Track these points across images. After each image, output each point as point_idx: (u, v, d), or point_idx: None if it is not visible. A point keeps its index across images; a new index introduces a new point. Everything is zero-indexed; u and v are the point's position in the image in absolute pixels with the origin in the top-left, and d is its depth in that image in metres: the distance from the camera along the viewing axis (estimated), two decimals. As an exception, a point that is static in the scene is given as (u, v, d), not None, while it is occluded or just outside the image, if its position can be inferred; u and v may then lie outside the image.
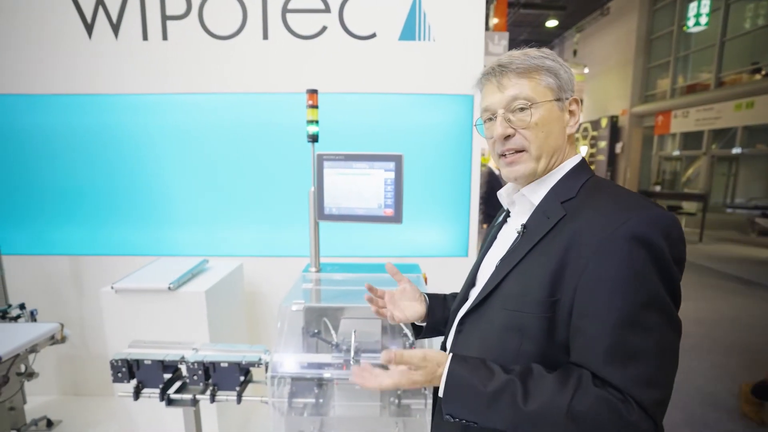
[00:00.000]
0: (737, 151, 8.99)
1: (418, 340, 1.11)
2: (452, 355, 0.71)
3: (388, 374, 0.70)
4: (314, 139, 1.72)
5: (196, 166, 2.37)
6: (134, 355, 1.53)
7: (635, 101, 11.72)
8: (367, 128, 2.33)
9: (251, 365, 1.51)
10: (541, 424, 0.63)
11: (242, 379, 1.52)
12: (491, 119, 0.80)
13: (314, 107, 1.70)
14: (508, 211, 0.92)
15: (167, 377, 1.52)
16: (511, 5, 10.19)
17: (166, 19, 2.21)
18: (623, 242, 0.63)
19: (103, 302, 1.90)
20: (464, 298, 0.90)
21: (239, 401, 1.50)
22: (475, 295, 0.84)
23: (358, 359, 1.38)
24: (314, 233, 1.78)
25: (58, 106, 2.29)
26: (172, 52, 2.24)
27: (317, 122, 1.73)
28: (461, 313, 0.86)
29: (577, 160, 0.81)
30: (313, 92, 1.70)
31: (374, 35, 2.23)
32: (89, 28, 2.21)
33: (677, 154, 10.88)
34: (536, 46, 0.82)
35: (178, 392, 1.52)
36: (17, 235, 2.40)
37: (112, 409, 2.34)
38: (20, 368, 1.80)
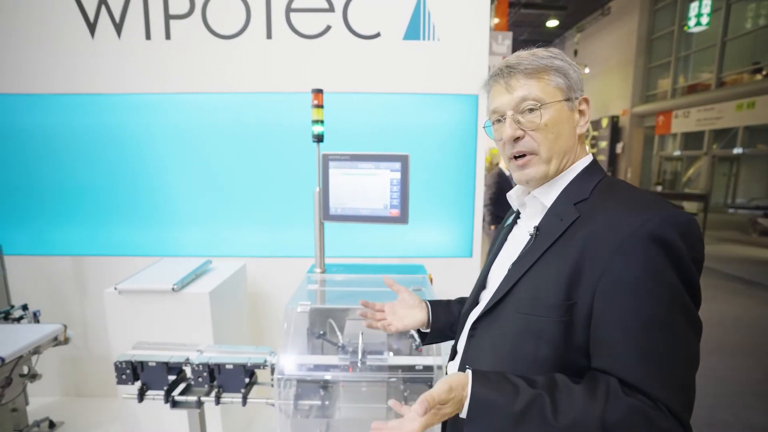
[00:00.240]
0: (738, 151, 8.99)
1: (424, 345, 1.10)
2: (472, 374, 0.68)
3: (416, 421, 0.66)
4: (319, 139, 1.71)
5: (198, 165, 2.36)
6: (139, 356, 1.52)
7: (636, 101, 11.72)
8: (370, 128, 2.31)
9: (256, 367, 1.50)
10: None
11: (247, 380, 1.51)
12: (500, 121, 0.79)
13: (319, 107, 1.69)
14: (517, 212, 0.91)
15: (171, 379, 1.51)
16: (511, 5, 10.18)
17: (169, 18, 2.20)
18: (642, 244, 0.62)
19: (106, 303, 1.89)
20: (475, 301, 0.89)
21: (244, 403, 1.49)
22: (486, 298, 0.83)
23: (364, 361, 1.37)
24: (319, 234, 1.77)
25: (60, 105, 2.28)
26: (175, 51, 2.23)
27: (322, 122, 1.72)
28: (473, 316, 0.85)
29: (588, 160, 0.80)
30: (318, 92, 1.69)
31: (378, 35, 2.22)
32: (92, 27, 2.20)
33: (678, 154, 10.88)
34: (542, 46, 0.81)
35: (182, 394, 1.51)
36: (19, 235, 2.39)
37: (114, 410, 2.33)
38: (23, 370, 1.79)
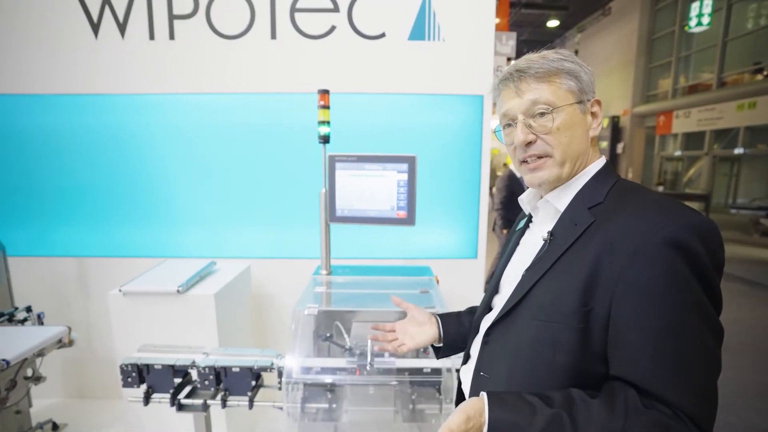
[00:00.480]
0: (739, 151, 8.99)
1: (439, 359, 1.09)
2: (488, 398, 0.67)
3: None
4: (326, 140, 1.70)
5: (201, 166, 2.35)
6: (144, 359, 1.51)
7: (637, 101, 11.72)
8: (375, 129, 2.30)
9: (263, 370, 1.49)
10: None
11: (253, 383, 1.50)
12: (510, 125, 0.78)
13: (326, 108, 1.68)
14: (529, 216, 0.89)
15: (177, 382, 1.50)
16: (512, 5, 10.17)
17: (173, 18, 2.19)
18: (661, 249, 0.61)
19: (110, 305, 1.87)
20: (487, 306, 0.88)
21: (251, 406, 1.48)
22: (500, 304, 0.82)
23: (373, 363, 1.36)
24: (325, 235, 1.76)
25: (64, 106, 2.27)
26: (179, 51, 2.22)
27: (329, 123, 1.71)
28: (487, 322, 0.84)
29: (601, 163, 0.78)
30: (324, 92, 1.67)
31: (383, 35, 2.21)
32: (95, 27, 2.19)
33: (679, 154, 10.88)
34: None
35: (188, 397, 1.50)
36: (22, 236, 2.38)
37: (117, 412, 2.32)
38: (27, 372, 1.78)
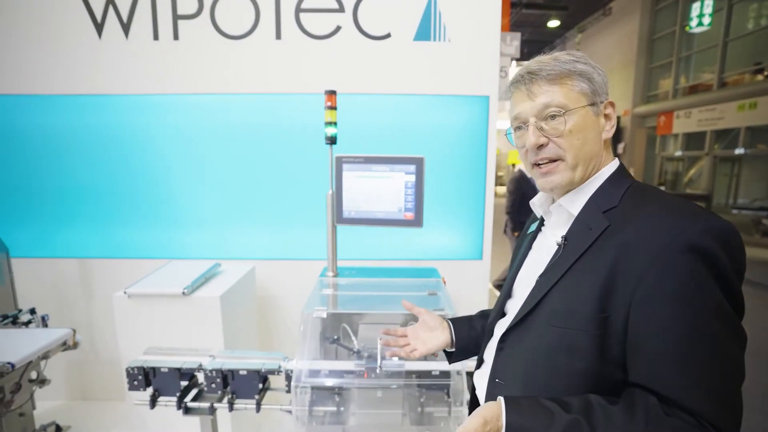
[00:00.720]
0: (740, 151, 8.99)
1: (451, 364, 1.08)
2: (505, 402, 0.67)
3: None
4: (332, 141, 1.69)
5: (204, 166, 2.33)
6: (151, 362, 1.50)
7: (637, 101, 11.72)
8: (380, 129, 2.29)
9: (270, 373, 1.48)
10: None
11: (260, 386, 1.49)
12: (522, 128, 0.77)
13: (333, 108, 1.67)
14: (541, 219, 0.88)
15: (184, 385, 1.49)
16: (513, 5, 10.17)
17: (177, 18, 2.17)
18: (681, 254, 0.60)
19: (115, 307, 1.86)
20: (501, 311, 0.87)
21: (258, 409, 1.47)
22: (513, 309, 0.81)
23: (383, 366, 1.35)
24: (332, 237, 1.75)
25: (67, 106, 2.25)
26: (183, 52, 2.20)
27: (336, 124, 1.70)
28: (501, 327, 0.83)
29: (615, 166, 0.77)
30: (331, 93, 1.66)
31: (389, 35, 2.20)
32: (99, 27, 2.18)
33: (679, 154, 10.89)
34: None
35: (194, 400, 1.49)
36: (25, 237, 2.36)
37: (120, 414, 2.31)
38: (32, 375, 1.76)
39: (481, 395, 0.87)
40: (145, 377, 1.48)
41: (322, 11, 2.18)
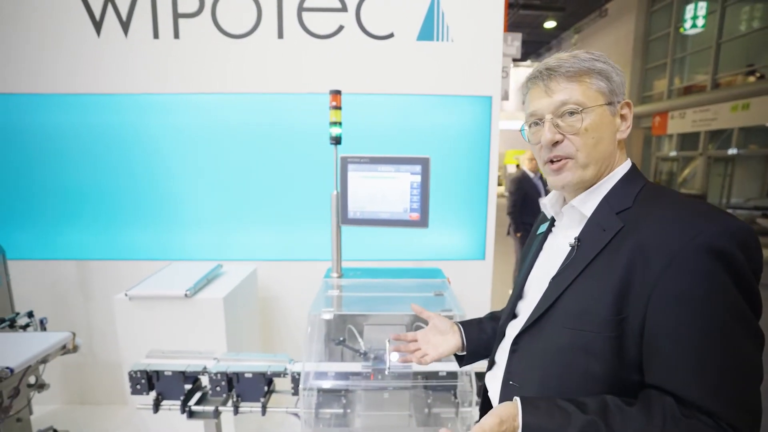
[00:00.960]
0: (733, 151, 9.09)
1: (461, 368, 1.07)
2: (521, 402, 0.66)
3: None
4: (337, 141, 1.68)
5: (206, 167, 2.31)
6: (154, 365, 1.48)
7: (633, 102, 11.67)
8: (383, 129, 2.28)
9: (276, 375, 1.47)
10: None
11: (266, 389, 1.47)
12: (537, 124, 0.76)
13: (338, 108, 1.66)
14: (552, 220, 0.88)
15: (188, 388, 1.47)
16: (510, 6, 10.21)
17: (177, 17, 2.15)
18: (698, 256, 0.59)
19: (116, 310, 1.84)
20: (512, 312, 0.86)
21: (264, 412, 1.46)
22: (525, 310, 0.80)
23: (391, 368, 1.34)
24: (336, 238, 1.73)
25: (66, 106, 2.22)
26: (183, 51, 2.18)
27: (340, 124, 1.68)
28: (513, 329, 0.82)
29: (628, 166, 0.77)
30: (336, 93, 1.65)
31: (392, 35, 2.19)
32: (98, 26, 2.14)
33: (674, 154, 10.99)
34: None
35: (198, 404, 1.47)
36: (23, 238, 2.32)
37: (121, 418, 2.28)
38: (30, 380, 1.73)
39: (493, 397, 0.86)
40: (148, 381, 1.46)
41: (324, 10, 2.16)
